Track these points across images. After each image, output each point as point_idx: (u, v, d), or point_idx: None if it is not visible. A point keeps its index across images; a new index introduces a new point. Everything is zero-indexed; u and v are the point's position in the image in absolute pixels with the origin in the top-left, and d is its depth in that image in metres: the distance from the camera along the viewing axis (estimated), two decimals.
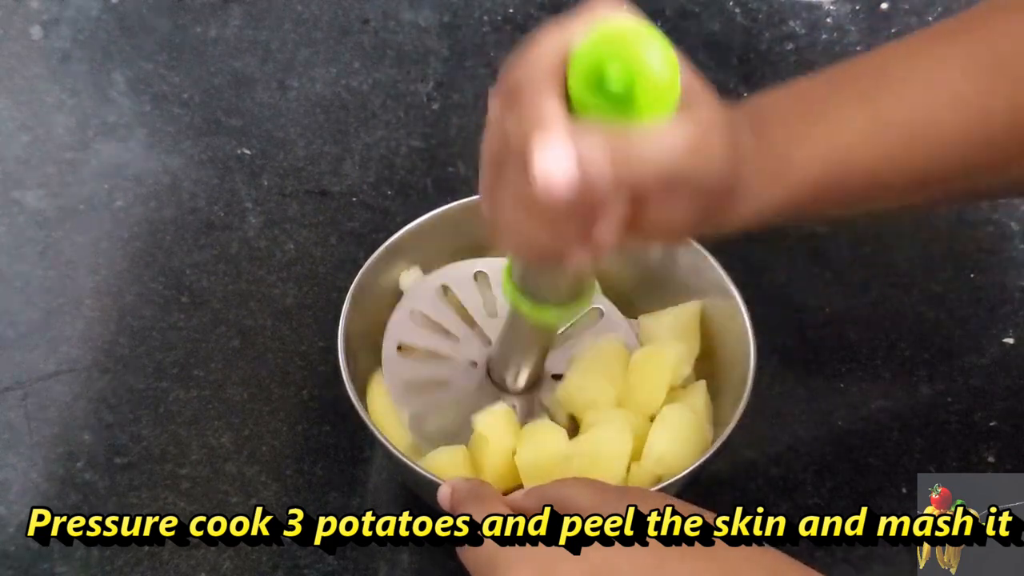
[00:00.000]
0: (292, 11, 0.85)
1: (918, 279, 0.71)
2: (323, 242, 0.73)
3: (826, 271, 0.72)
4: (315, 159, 0.77)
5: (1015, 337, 0.69)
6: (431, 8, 0.85)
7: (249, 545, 0.60)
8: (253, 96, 0.80)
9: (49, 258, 0.72)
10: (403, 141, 0.78)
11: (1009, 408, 0.66)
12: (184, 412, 0.65)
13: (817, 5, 0.85)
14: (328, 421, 0.65)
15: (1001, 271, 0.71)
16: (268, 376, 0.67)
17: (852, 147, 0.49)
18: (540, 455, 0.57)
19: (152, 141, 0.78)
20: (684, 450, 0.57)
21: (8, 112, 0.79)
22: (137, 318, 0.69)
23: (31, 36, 0.84)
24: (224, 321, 0.69)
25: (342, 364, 0.57)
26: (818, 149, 0.49)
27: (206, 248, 0.73)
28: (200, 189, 0.76)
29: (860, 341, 0.68)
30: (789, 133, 0.49)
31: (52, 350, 0.68)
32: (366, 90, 0.81)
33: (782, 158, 0.48)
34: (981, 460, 0.64)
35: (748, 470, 0.63)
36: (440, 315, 0.63)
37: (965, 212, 0.74)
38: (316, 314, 0.70)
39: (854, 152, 0.49)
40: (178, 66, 0.82)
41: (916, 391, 0.66)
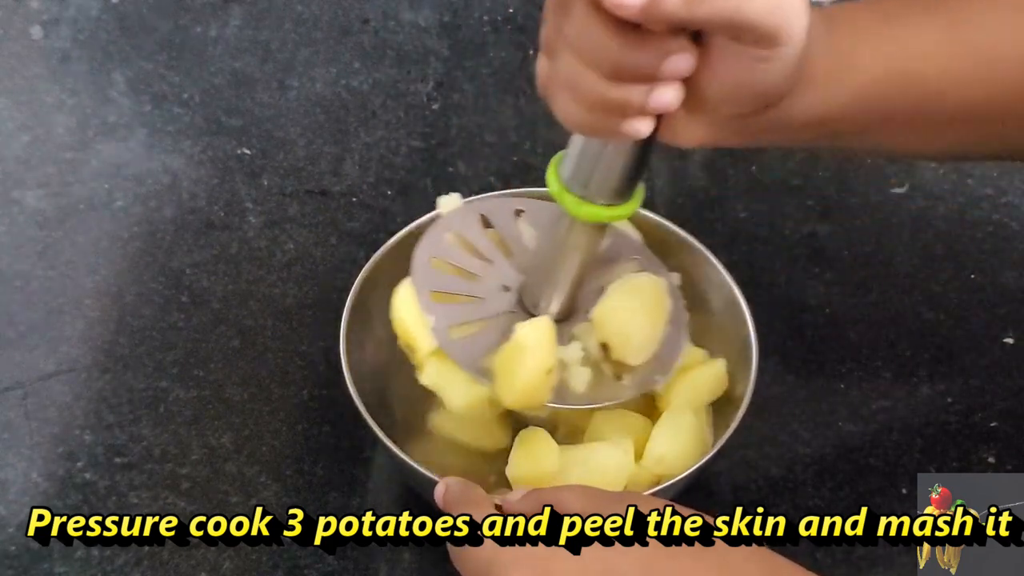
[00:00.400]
0: (292, 11, 0.85)
1: (918, 279, 0.71)
2: (323, 242, 0.73)
3: (826, 271, 0.72)
4: (315, 159, 0.77)
5: (1015, 337, 0.69)
6: (431, 8, 0.85)
7: (249, 545, 0.60)
8: (253, 96, 0.80)
9: (49, 258, 0.72)
10: (403, 141, 0.78)
11: (1009, 408, 0.66)
12: (184, 412, 0.65)
13: (817, 5, 0.85)
14: (328, 421, 0.65)
15: (1001, 271, 0.71)
16: (268, 376, 0.67)
17: (921, 57, 0.47)
18: (533, 470, 0.57)
19: (152, 141, 0.78)
20: (685, 451, 0.57)
21: (8, 112, 0.79)
22: (137, 318, 0.69)
23: (31, 36, 0.84)
24: (224, 321, 0.69)
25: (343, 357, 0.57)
26: (888, 53, 0.47)
27: (206, 248, 0.73)
28: (200, 189, 0.76)
29: (860, 341, 0.68)
30: (860, 35, 0.47)
31: (52, 350, 0.68)
32: (366, 90, 0.81)
33: (849, 57, 0.47)
34: (981, 460, 0.64)
35: (748, 470, 0.63)
36: (476, 238, 0.61)
37: (965, 212, 0.74)
38: (316, 314, 0.70)
39: (922, 62, 0.47)
40: (178, 66, 0.82)
41: (916, 391, 0.66)
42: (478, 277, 0.59)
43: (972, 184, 0.75)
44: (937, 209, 0.74)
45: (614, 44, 0.41)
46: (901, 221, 0.74)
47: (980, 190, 0.75)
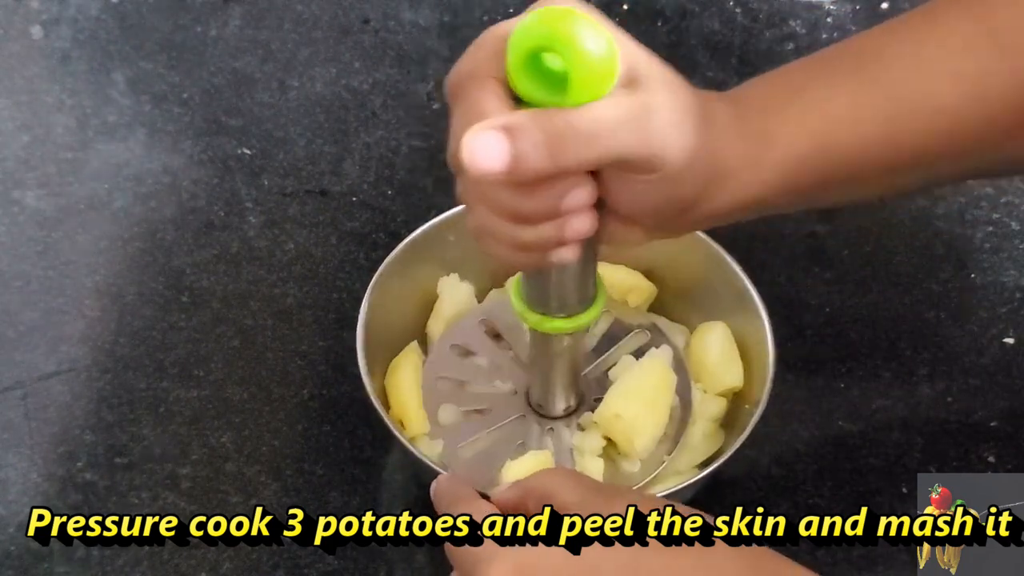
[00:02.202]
0: (292, 11, 0.85)
1: (918, 279, 0.71)
2: (323, 242, 0.73)
3: (826, 271, 0.72)
4: (315, 159, 0.77)
5: (1015, 337, 0.69)
6: (431, 8, 0.85)
7: (249, 545, 0.60)
8: (253, 96, 0.80)
9: (49, 258, 0.72)
10: (403, 141, 0.78)
11: (1009, 408, 0.66)
12: (184, 412, 0.65)
13: (817, 5, 0.85)
14: (328, 421, 0.65)
15: (1001, 271, 0.71)
16: (268, 376, 0.67)
17: (841, 121, 0.48)
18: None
19: (152, 141, 0.78)
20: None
21: (8, 112, 0.79)
22: (137, 318, 0.69)
23: (31, 36, 0.84)
24: (224, 321, 0.69)
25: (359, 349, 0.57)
26: (804, 124, 0.47)
27: (206, 248, 0.73)
28: (200, 189, 0.76)
29: (860, 341, 0.68)
30: (772, 112, 0.48)
31: (52, 350, 0.68)
32: (366, 90, 0.81)
33: (765, 138, 0.47)
34: (981, 460, 0.64)
35: (748, 470, 0.63)
36: (479, 346, 0.63)
37: (965, 212, 0.74)
38: (316, 314, 0.70)
39: (844, 126, 0.48)
40: (178, 66, 0.82)
41: (916, 391, 0.66)
42: (485, 385, 0.61)
43: (972, 184, 0.75)
44: (937, 209, 0.74)
45: (509, 196, 0.44)
46: (901, 221, 0.74)
47: (980, 190, 0.75)
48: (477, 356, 0.62)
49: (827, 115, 0.48)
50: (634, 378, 0.59)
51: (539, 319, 0.52)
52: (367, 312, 0.59)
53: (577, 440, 0.59)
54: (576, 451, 0.59)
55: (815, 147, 0.48)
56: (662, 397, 0.59)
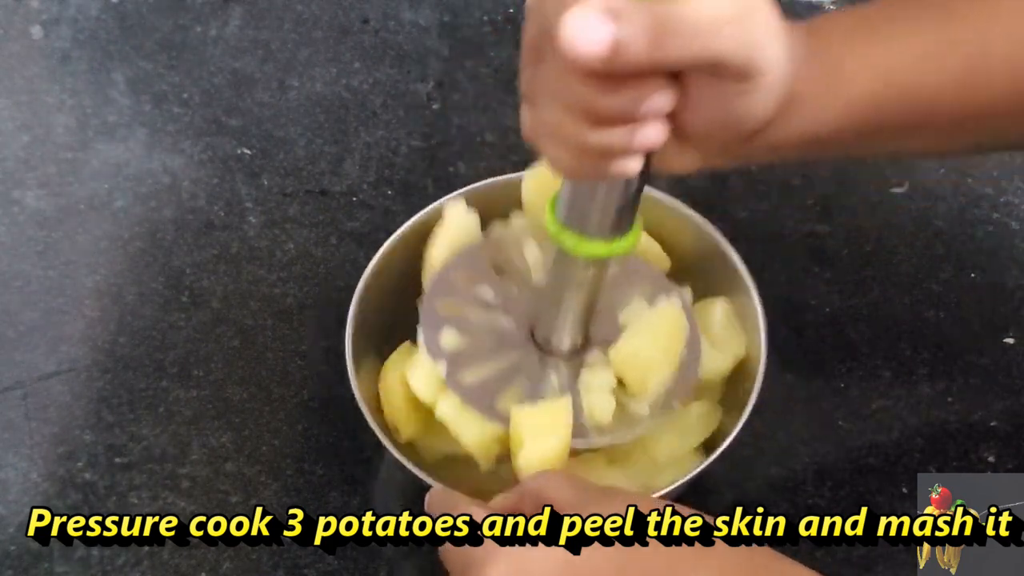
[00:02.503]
0: (292, 11, 0.85)
1: (918, 279, 0.71)
2: (323, 242, 0.73)
3: (826, 271, 0.72)
4: (315, 159, 0.77)
5: (1015, 337, 0.69)
6: (431, 8, 0.85)
7: (249, 545, 0.60)
8: (253, 96, 0.80)
9: (49, 258, 0.72)
10: (403, 141, 0.78)
11: (1009, 408, 0.66)
12: (184, 412, 0.66)
13: (817, 5, 0.85)
14: (328, 421, 0.65)
15: (1001, 271, 0.71)
16: (268, 376, 0.67)
17: (915, 64, 0.47)
18: None
19: (152, 141, 0.78)
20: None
21: (8, 112, 0.79)
22: (137, 318, 0.69)
23: (31, 36, 0.84)
24: (224, 321, 0.69)
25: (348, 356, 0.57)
26: (878, 63, 0.47)
27: (206, 248, 0.73)
28: (200, 189, 0.76)
29: (860, 341, 0.68)
30: (847, 47, 0.47)
31: (52, 350, 0.68)
32: (366, 90, 0.81)
33: (838, 71, 0.46)
34: (981, 460, 0.64)
35: (748, 470, 0.63)
36: (483, 276, 0.60)
37: (965, 212, 0.74)
38: (316, 314, 0.70)
39: (916, 69, 0.47)
40: (178, 66, 0.82)
41: (916, 391, 0.66)
42: (487, 317, 0.59)
43: (972, 184, 0.75)
44: (937, 209, 0.74)
45: (589, 91, 0.41)
46: (901, 221, 0.74)
47: (980, 190, 0.75)
48: (480, 287, 0.60)
49: (905, 56, 0.47)
50: (650, 321, 0.58)
51: (576, 240, 0.50)
52: (355, 316, 0.59)
53: (587, 376, 0.57)
54: (584, 388, 0.57)
55: (888, 87, 0.47)
56: (675, 343, 0.58)
